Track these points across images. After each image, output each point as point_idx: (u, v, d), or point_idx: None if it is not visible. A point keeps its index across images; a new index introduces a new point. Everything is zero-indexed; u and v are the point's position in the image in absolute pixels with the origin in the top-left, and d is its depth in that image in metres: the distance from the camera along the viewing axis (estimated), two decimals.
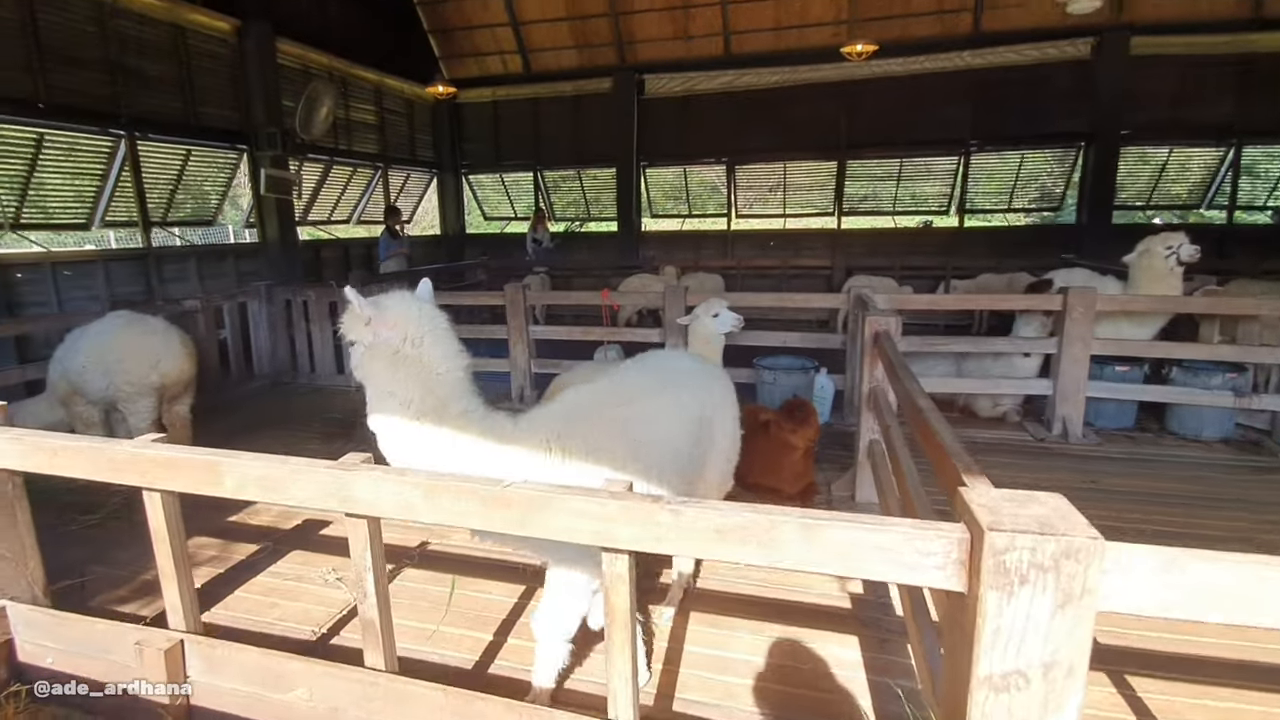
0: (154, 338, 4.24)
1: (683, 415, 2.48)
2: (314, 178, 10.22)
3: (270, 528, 3.74)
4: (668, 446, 2.32)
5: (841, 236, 11.60)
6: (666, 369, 2.78)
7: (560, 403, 2.30)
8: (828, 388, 5.29)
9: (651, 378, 2.61)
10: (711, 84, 11.29)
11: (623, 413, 2.25)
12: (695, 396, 2.61)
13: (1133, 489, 3.97)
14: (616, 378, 2.58)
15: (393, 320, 1.94)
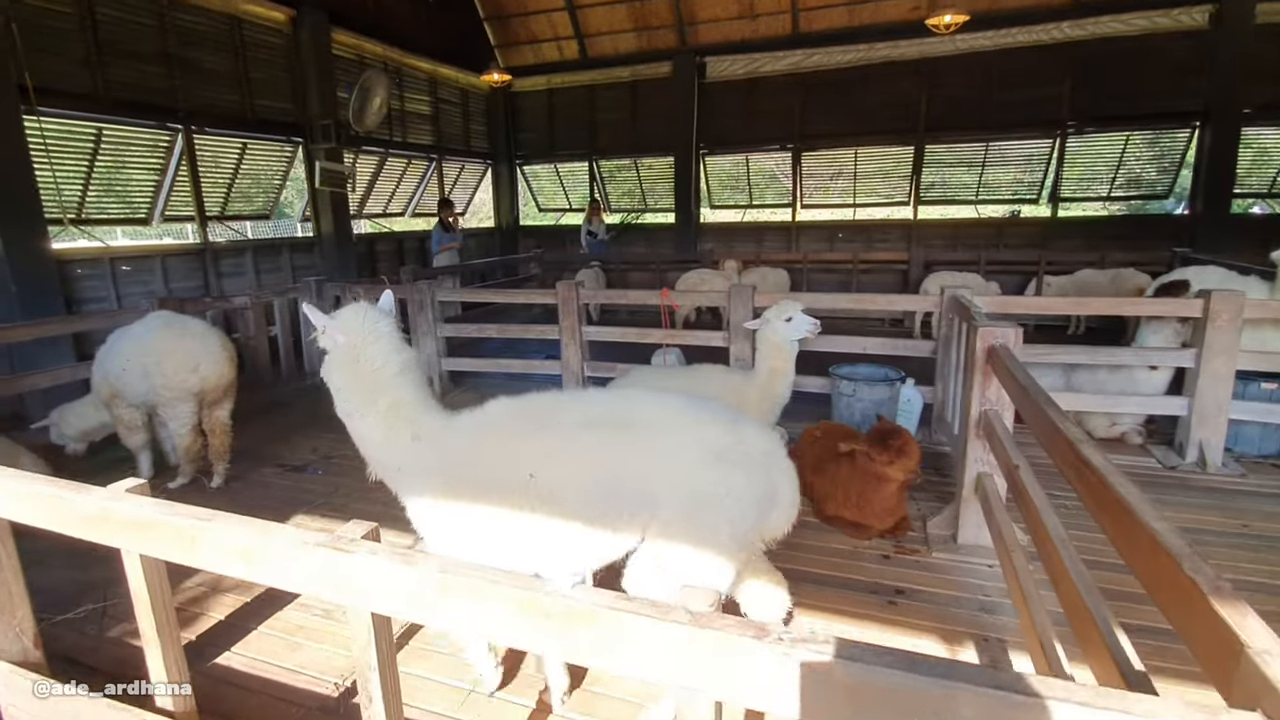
0: (193, 340, 4.02)
1: (608, 472, 1.95)
2: (369, 170, 10.11)
3: None
4: (568, 505, 1.94)
5: (919, 228, 10.75)
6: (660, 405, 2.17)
7: (485, 411, 2.21)
8: (915, 401, 4.70)
9: (617, 407, 2.18)
10: (777, 65, 10.62)
11: (525, 446, 2.02)
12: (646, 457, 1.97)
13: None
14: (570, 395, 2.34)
15: (341, 328, 2.18)
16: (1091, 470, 1.51)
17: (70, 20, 6.09)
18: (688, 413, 2.08)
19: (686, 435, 1.99)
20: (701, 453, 1.95)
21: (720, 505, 1.91)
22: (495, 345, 7.89)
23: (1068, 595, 1.74)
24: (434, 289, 6.07)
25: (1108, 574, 2.76)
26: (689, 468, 1.93)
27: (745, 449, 2.01)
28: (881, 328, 9.13)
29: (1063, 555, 1.83)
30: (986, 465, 3.11)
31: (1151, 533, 1.23)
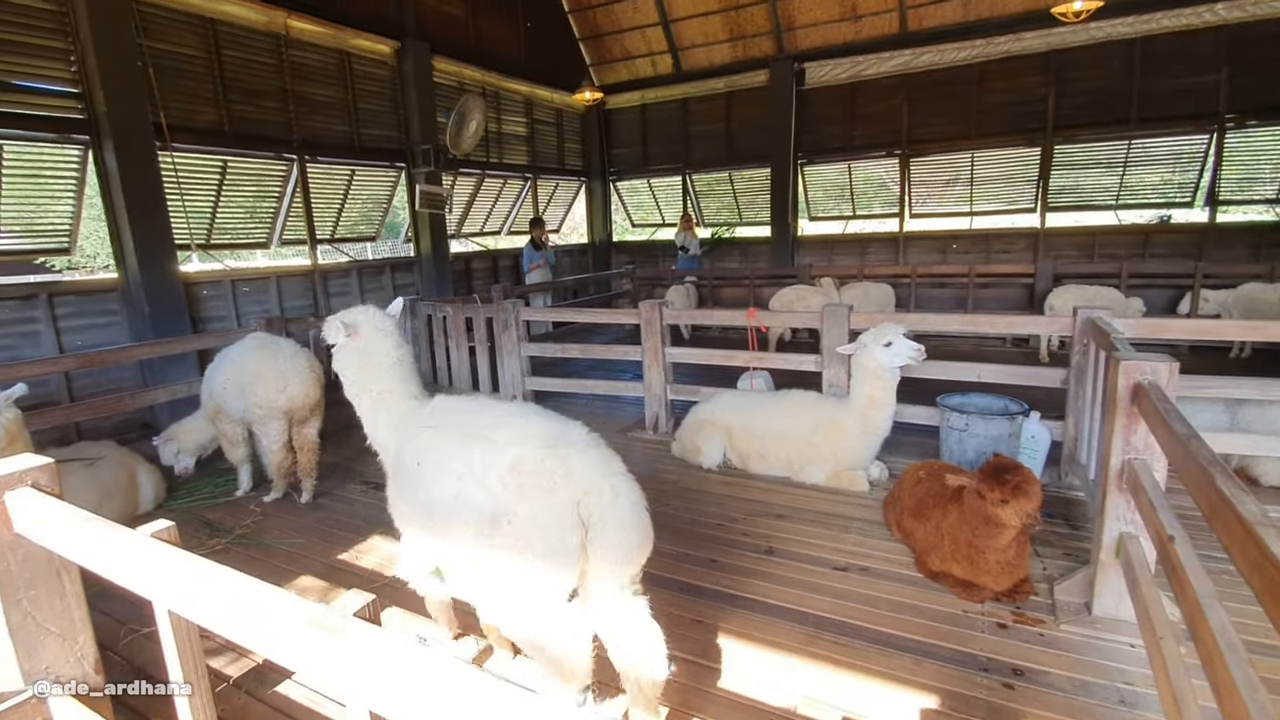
0: (283, 362, 4.15)
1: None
2: (467, 191, 10.43)
3: (375, 571, 3.39)
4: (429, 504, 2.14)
5: (1047, 237, 9.69)
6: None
7: (430, 403, 2.45)
8: (1041, 438, 4.08)
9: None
10: (883, 67, 9.99)
11: (422, 437, 2.26)
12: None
13: None
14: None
15: (355, 324, 2.56)
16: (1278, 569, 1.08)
17: (200, 63, 6.63)
18: (521, 426, 2.05)
19: (502, 449, 1.97)
20: (503, 469, 1.94)
21: (509, 527, 1.91)
22: (584, 365, 7.82)
23: (1225, 697, 1.30)
24: (518, 307, 6.05)
25: (1272, 660, 2.18)
26: (490, 483, 1.95)
27: (547, 467, 1.92)
28: (1002, 348, 8.27)
29: (1223, 650, 1.37)
30: (1130, 525, 2.56)
31: None
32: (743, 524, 3.67)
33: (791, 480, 4.24)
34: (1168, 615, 2.00)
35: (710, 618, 2.78)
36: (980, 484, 2.69)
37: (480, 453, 1.99)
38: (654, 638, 2.05)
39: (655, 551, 3.29)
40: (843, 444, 4.08)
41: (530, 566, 1.90)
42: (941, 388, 4.40)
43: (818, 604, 2.86)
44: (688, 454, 4.64)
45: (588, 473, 1.93)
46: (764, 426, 4.30)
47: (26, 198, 5.69)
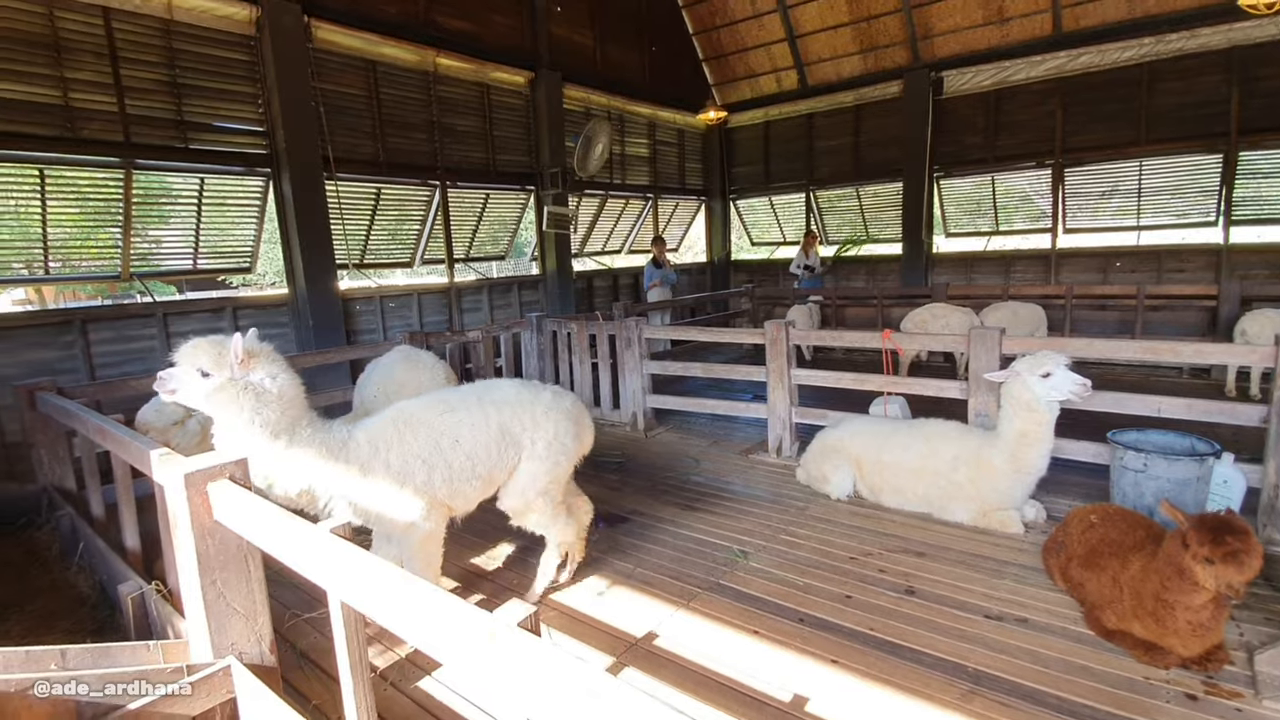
0: (424, 372, 4.43)
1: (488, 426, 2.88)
2: (591, 211, 10.76)
3: (504, 575, 3.49)
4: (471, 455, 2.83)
5: (1230, 254, 8.49)
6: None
7: (384, 416, 2.80)
8: (1235, 483, 3.54)
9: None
10: (1034, 71, 9.25)
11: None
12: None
13: None
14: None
15: (251, 353, 2.48)
16: None
17: (360, 101, 7.31)
18: (505, 390, 3.10)
19: (529, 402, 3.06)
20: (538, 411, 3.07)
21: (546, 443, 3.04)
22: (700, 384, 7.76)
23: None
24: (641, 325, 6.11)
25: None
26: (524, 419, 3.02)
27: None
28: (1178, 379, 7.31)
29: None
30: None
31: None
32: (878, 559, 3.44)
33: (932, 517, 3.93)
34: None
35: (846, 658, 2.60)
36: (1190, 530, 2.33)
37: (504, 409, 2.92)
38: (581, 498, 3.45)
39: (780, 581, 3.20)
40: (990, 482, 3.72)
41: (556, 461, 2.99)
42: (1110, 421, 3.93)
43: (972, 655, 2.60)
44: (814, 481, 4.44)
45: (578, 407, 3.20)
46: (899, 458, 4.01)
47: (217, 223, 6.50)
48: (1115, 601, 2.67)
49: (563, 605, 3.10)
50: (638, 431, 6.13)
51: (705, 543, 3.71)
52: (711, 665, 2.58)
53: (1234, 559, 2.21)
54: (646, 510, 4.23)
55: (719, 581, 3.24)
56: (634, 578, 3.33)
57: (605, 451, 5.56)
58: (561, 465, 3.03)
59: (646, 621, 2.91)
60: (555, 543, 3.15)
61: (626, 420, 6.30)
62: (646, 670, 2.56)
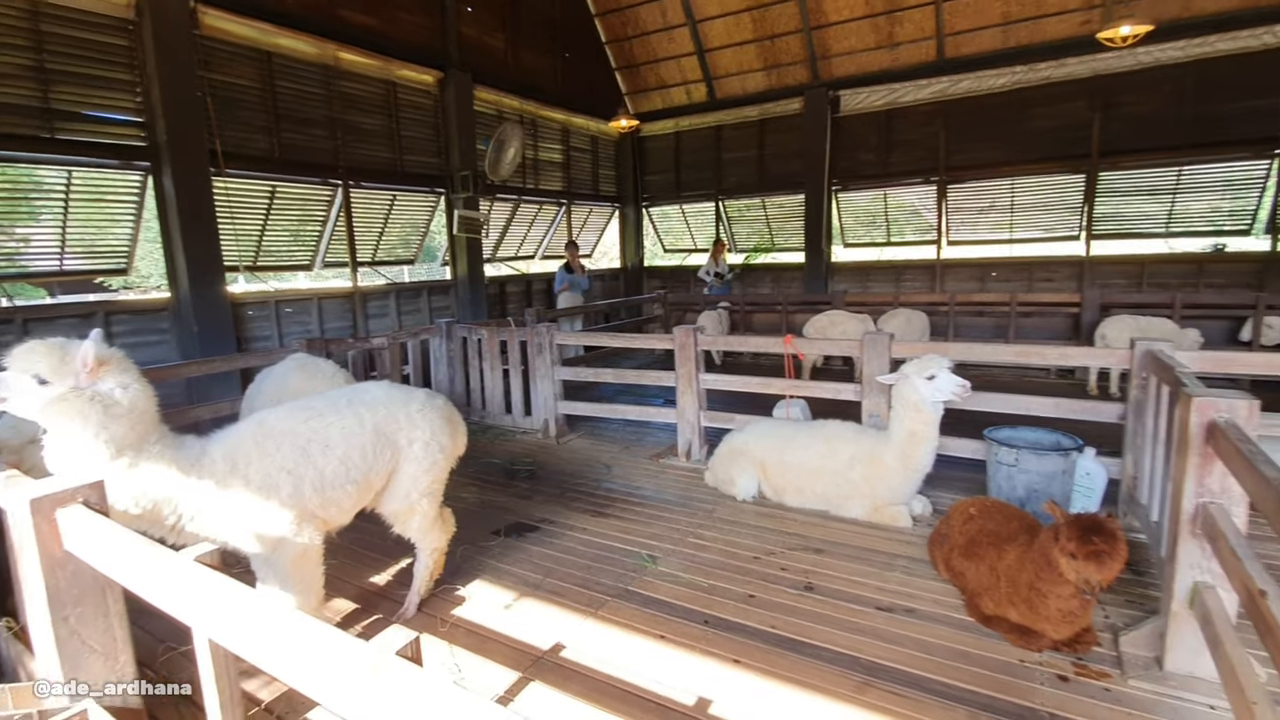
0: (322, 381, 4.18)
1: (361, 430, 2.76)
2: (503, 216, 10.60)
3: (406, 595, 3.35)
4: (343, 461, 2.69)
5: (1092, 265, 9.43)
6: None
7: (242, 429, 2.60)
8: (1097, 475, 3.90)
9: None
10: (920, 94, 9.93)
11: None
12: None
13: None
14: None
15: (103, 359, 2.22)
16: None
17: (254, 93, 6.88)
18: (375, 392, 2.99)
19: (403, 403, 3.00)
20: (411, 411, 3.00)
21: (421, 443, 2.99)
22: (613, 389, 7.79)
23: None
24: (552, 331, 6.07)
25: None
26: (400, 419, 2.96)
27: None
28: (1047, 379, 8.00)
29: None
30: (1207, 574, 2.39)
31: None
32: (780, 558, 3.56)
33: (829, 514, 4.11)
34: (1257, 675, 1.85)
35: (749, 658, 2.67)
36: (1064, 525, 2.51)
37: (377, 410, 2.83)
38: (446, 509, 3.31)
39: (687, 584, 3.26)
40: (882, 479, 3.94)
41: (434, 460, 2.96)
42: (987, 420, 4.25)
43: (866, 647, 2.73)
44: (721, 484, 4.55)
45: (449, 407, 3.16)
46: (799, 459, 4.18)
47: (89, 221, 5.93)
48: (993, 589, 2.88)
49: (468, 621, 3.01)
50: (549, 438, 6.08)
51: (615, 549, 3.72)
52: (618, 674, 2.58)
53: (1095, 558, 2.39)
54: (557, 518, 4.20)
55: (627, 588, 3.26)
56: (542, 588, 3.29)
57: (516, 459, 5.48)
58: (440, 465, 2.98)
59: (554, 633, 2.88)
60: (430, 549, 3.09)
61: (538, 427, 6.23)
62: (553, 684, 2.53)
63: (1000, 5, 9.11)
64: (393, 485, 2.89)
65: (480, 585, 3.34)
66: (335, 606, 3.16)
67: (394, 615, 3.05)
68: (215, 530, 2.42)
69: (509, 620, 3.01)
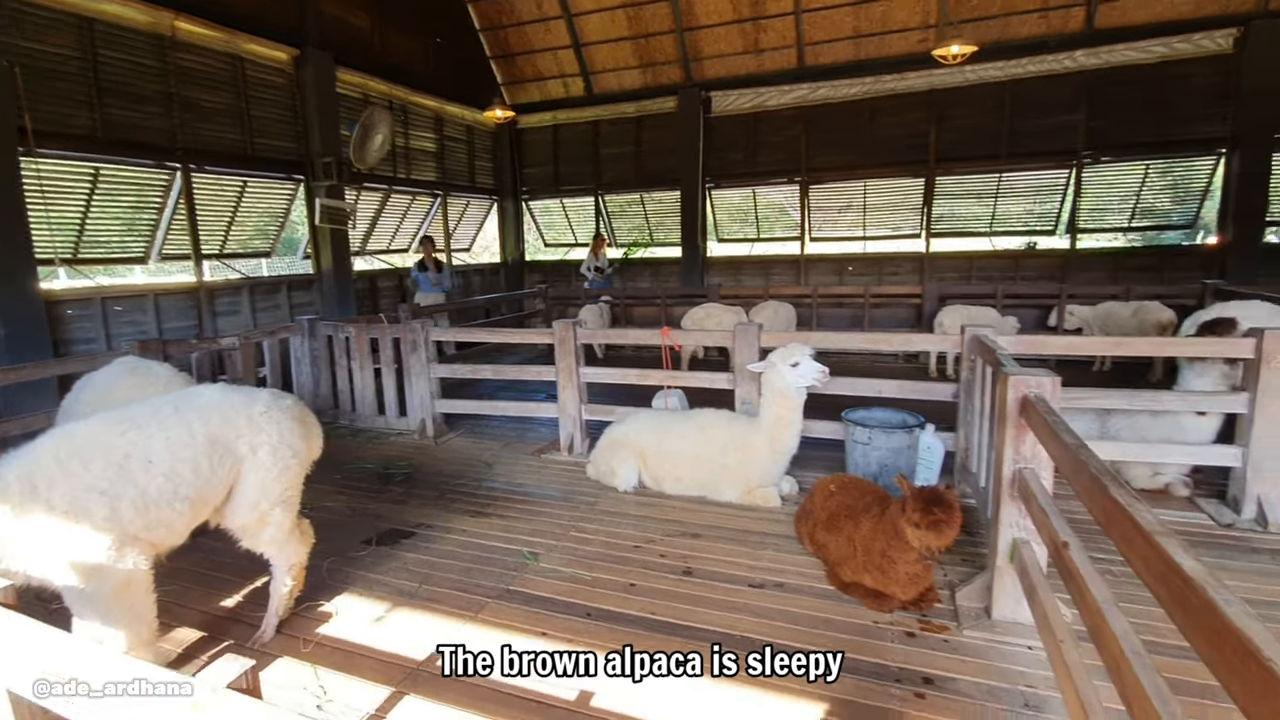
0: (155, 387, 3.74)
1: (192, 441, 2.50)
2: (372, 207, 10.03)
3: (262, 618, 3.09)
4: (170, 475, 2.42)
5: (931, 260, 10.47)
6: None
7: (41, 446, 2.30)
8: (936, 449, 4.33)
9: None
10: (783, 99, 10.52)
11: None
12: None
13: None
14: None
15: None
16: (1185, 582, 1.18)
17: (73, 64, 6.05)
18: (206, 396, 2.70)
19: (245, 406, 2.73)
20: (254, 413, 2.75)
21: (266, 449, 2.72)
22: (495, 386, 7.63)
23: (1136, 706, 1.41)
24: (428, 328, 5.83)
25: (1171, 660, 2.38)
26: (240, 425, 2.71)
27: None
28: (895, 364, 8.78)
29: (1129, 658, 1.49)
30: (1023, 531, 2.74)
31: (1272, 670, 0.90)
32: (660, 545, 3.67)
33: (707, 499, 4.28)
34: (1063, 616, 2.15)
35: (631, 646, 2.73)
36: (910, 499, 2.75)
37: (211, 416, 2.57)
38: (303, 520, 3.07)
39: (570, 579, 3.27)
40: (753, 462, 4.16)
41: (286, 466, 2.72)
42: (845, 403, 4.60)
43: (740, 624, 2.87)
44: (603, 476, 4.60)
45: (300, 406, 2.96)
46: (677, 448, 4.32)
47: None
48: (850, 558, 3.13)
49: (335, 639, 2.84)
50: (427, 439, 5.85)
51: (496, 549, 3.65)
52: (498, 676, 2.54)
53: (935, 527, 2.66)
54: (435, 522, 4.06)
55: (508, 588, 3.22)
56: (418, 596, 3.17)
57: (391, 463, 5.23)
58: (293, 470, 2.74)
59: (431, 641, 2.78)
60: (287, 566, 2.85)
61: (414, 428, 5.97)
62: (429, 695, 2.45)
63: (852, 20, 9.83)
64: (237, 497, 2.63)
65: (349, 599, 3.16)
66: (177, 637, 2.85)
67: (249, 641, 2.81)
68: (17, 563, 2.11)
69: (381, 633, 2.87)
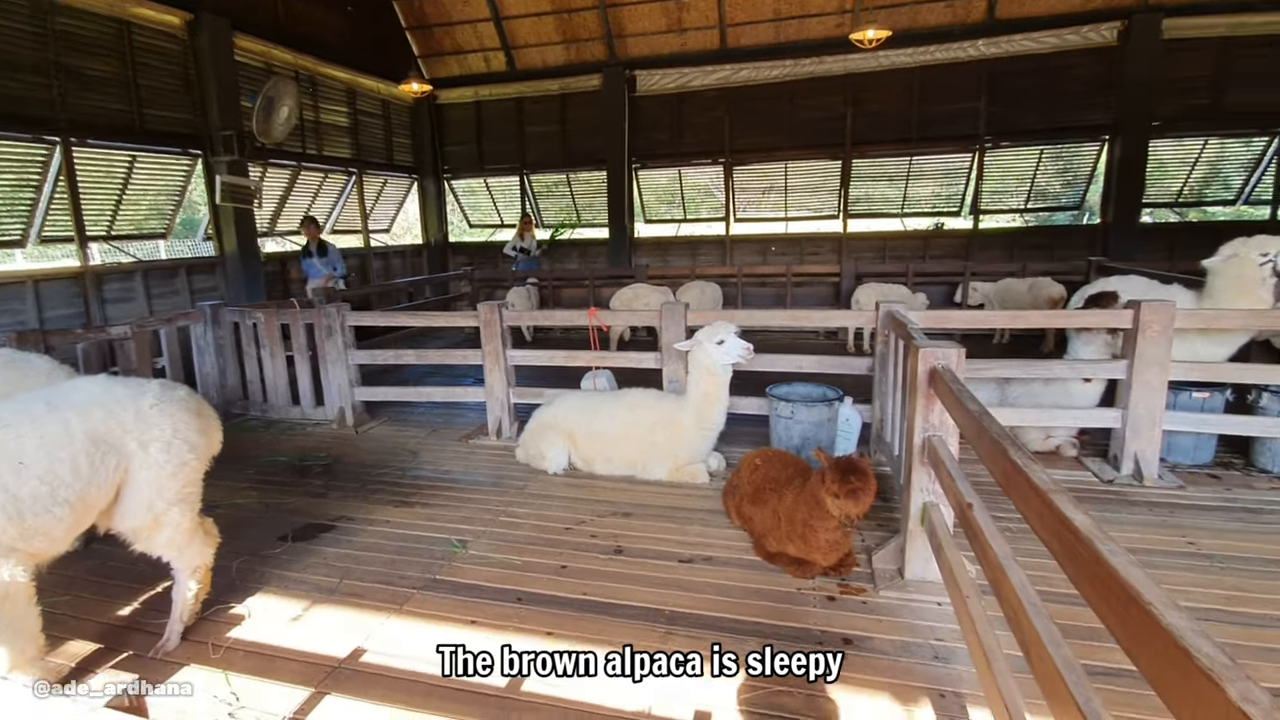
0: (33, 381, 3.43)
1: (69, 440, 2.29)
2: (281, 185, 9.46)
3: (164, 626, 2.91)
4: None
5: (849, 241, 10.86)
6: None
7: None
8: (854, 421, 4.53)
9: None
10: (707, 80, 10.58)
11: None
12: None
13: (1241, 552, 3.20)
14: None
15: None
16: (1075, 535, 1.28)
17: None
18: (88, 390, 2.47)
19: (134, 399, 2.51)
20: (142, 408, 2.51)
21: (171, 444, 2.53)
22: (421, 371, 7.40)
23: (1033, 651, 1.52)
24: (343, 312, 5.57)
25: (1063, 607, 2.58)
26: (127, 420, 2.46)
27: None
28: (816, 340, 9.09)
29: (1026, 608, 1.61)
30: (932, 495, 2.91)
31: (1155, 618, 0.99)
32: (591, 525, 3.68)
33: (636, 478, 4.32)
34: (969, 573, 2.30)
35: (562, 628, 2.73)
36: (828, 470, 2.85)
37: (91, 413, 2.35)
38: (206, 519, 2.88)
39: (500, 564, 3.24)
40: (682, 440, 4.22)
41: (183, 462, 2.53)
42: (769, 379, 4.72)
43: (669, 598, 2.92)
44: (532, 459, 4.55)
45: (195, 397, 2.77)
46: (606, 428, 4.33)
47: None
48: (775, 529, 3.23)
49: (248, 642, 2.70)
50: (347, 428, 5.62)
51: (422, 539, 3.56)
52: (426, 668, 2.49)
53: (853, 495, 2.78)
54: (357, 514, 3.91)
55: (435, 578, 3.15)
56: (339, 592, 3.05)
57: (308, 454, 5.01)
58: (190, 466, 2.55)
59: (353, 637, 2.69)
60: (190, 568, 2.66)
61: (333, 417, 5.73)
62: (352, 693, 2.37)
63: (772, 2, 9.96)
64: (127, 498, 2.43)
65: (263, 599, 3.01)
66: (70, 650, 2.63)
67: (151, 650, 2.63)
68: None
69: (299, 633, 2.75)
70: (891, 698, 2.29)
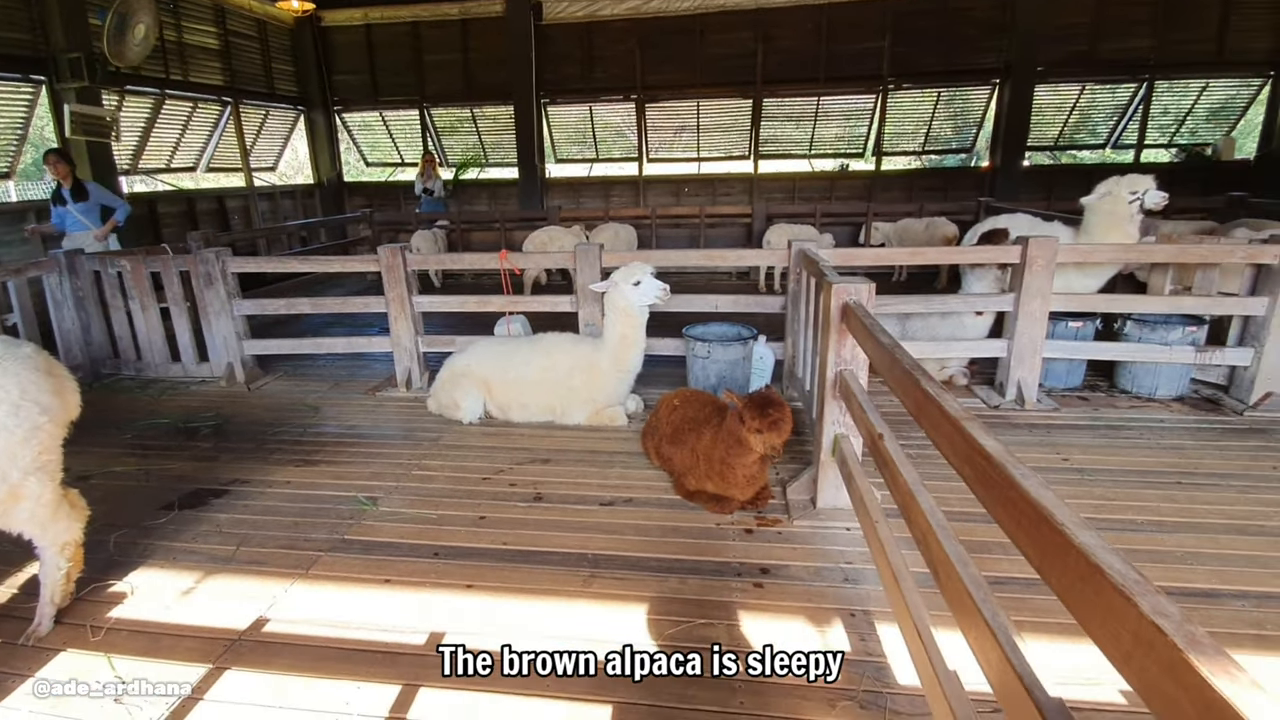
0: None
1: None
2: (142, 115, 8.39)
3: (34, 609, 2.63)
4: None
5: (759, 182, 10.91)
6: None
7: None
8: (767, 359, 4.63)
9: None
10: (617, 9, 10.11)
11: None
12: None
13: (1107, 466, 3.55)
14: None
15: None
16: (987, 460, 1.32)
17: None
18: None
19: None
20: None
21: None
22: (321, 321, 6.91)
23: (941, 570, 1.61)
24: (224, 259, 5.07)
25: (966, 525, 2.77)
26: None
27: None
28: (730, 280, 9.19)
29: (935, 529, 1.69)
30: (843, 427, 3.01)
31: (1067, 537, 1.03)
32: (509, 474, 3.60)
33: (554, 424, 4.25)
34: (877, 500, 2.40)
35: (482, 580, 2.67)
36: (744, 409, 2.88)
37: None
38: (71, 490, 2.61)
39: (414, 519, 3.12)
40: (599, 383, 4.18)
41: (36, 425, 2.26)
42: (685, 320, 4.72)
43: (591, 542, 2.92)
44: (445, 410, 4.39)
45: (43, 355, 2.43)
46: (521, 374, 4.21)
47: None
48: (694, 468, 3.27)
49: (133, 621, 2.47)
50: (237, 385, 5.21)
51: (327, 498, 3.37)
52: (337, 633, 2.37)
53: (774, 426, 2.83)
54: (252, 476, 3.65)
55: (344, 538, 2.99)
56: (235, 560, 2.84)
57: (193, 415, 4.61)
58: (46, 431, 2.28)
59: (254, 607, 2.52)
60: (58, 545, 2.41)
61: (220, 374, 5.28)
62: (255, 665, 2.22)
63: None
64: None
65: (148, 574, 2.76)
66: None
67: (20, 637, 2.37)
68: None
69: (192, 607, 2.55)
70: (806, 620, 2.40)
